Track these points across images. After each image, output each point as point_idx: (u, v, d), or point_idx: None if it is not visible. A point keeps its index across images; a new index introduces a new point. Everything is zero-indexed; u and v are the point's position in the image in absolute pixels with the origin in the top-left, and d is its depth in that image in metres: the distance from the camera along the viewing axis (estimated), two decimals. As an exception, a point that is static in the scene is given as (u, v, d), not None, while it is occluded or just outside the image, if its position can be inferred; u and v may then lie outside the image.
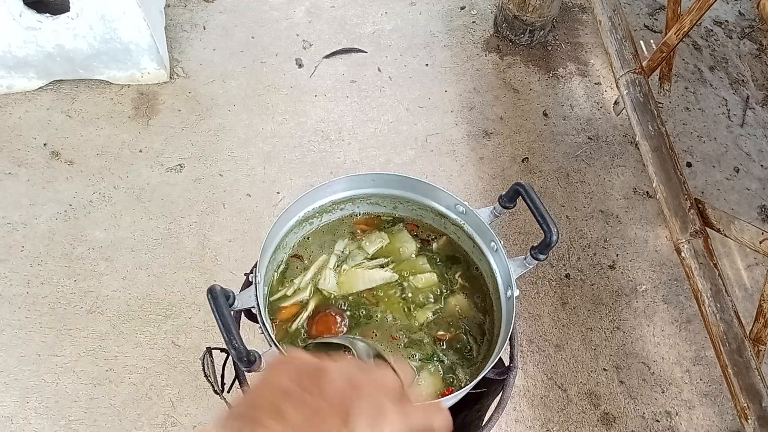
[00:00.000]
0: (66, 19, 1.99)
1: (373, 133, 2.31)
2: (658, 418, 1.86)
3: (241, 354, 0.64)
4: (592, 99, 2.53)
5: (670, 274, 2.12)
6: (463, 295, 0.94)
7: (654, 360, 1.96)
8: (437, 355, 0.87)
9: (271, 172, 2.16)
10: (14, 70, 2.14)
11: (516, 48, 2.63)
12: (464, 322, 0.91)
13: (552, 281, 2.06)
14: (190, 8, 2.56)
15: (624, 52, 2.11)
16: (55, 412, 1.67)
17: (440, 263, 0.97)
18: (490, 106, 2.44)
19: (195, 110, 2.28)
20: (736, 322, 1.60)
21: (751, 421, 1.50)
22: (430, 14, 2.70)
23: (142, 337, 1.80)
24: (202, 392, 1.72)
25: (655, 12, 2.88)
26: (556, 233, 0.81)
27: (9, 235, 1.94)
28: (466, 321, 0.91)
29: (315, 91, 2.39)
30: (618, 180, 2.32)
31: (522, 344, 1.93)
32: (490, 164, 2.29)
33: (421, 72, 2.51)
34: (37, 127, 2.16)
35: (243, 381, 0.92)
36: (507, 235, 2.12)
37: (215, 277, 1.90)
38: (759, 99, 2.67)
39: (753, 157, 2.47)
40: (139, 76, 2.26)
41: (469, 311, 0.93)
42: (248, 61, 2.44)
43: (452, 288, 0.94)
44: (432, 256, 0.97)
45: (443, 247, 0.99)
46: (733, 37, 2.86)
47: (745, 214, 2.29)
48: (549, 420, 1.82)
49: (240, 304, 0.75)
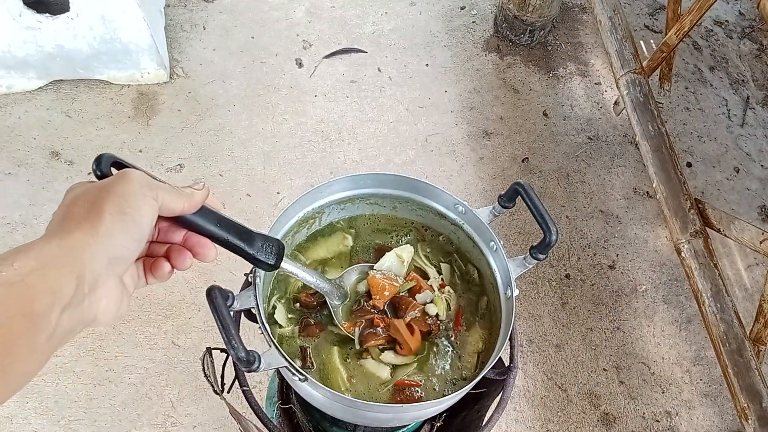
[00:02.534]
0: (66, 19, 1.99)
1: (373, 133, 2.31)
2: (658, 418, 1.86)
3: (240, 354, 0.64)
4: (592, 99, 2.53)
5: (670, 274, 2.12)
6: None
7: (654, 360, 1.95)
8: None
9: (271, 172, 2.16)
10: (14, 70, 2.14)
11: (516, 48, 2.63)
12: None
13: (552, 281, 2.06)
14: (190, 8, 2.56)
15: (624, 52, 2.11)
16: (55, 412, 1.67)
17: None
18: (490, 106, 2.44)
19: (195, 110, 2.28)
20: (736, 322, 1.60)
21: (752, 421, 1.50)
22: (430, 14, 2.70)
23: (142, 338, 1.80)
24: (202, 392, 1.72)
25: (655, 12, 2.88)
26: (556, 233, 0.81)
27: (9, 235, 1.94)
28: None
29: (315, 91, 2.39)
30: (618, 180, 2.32)
31: (522, 344, 1.93)
32: (490, 164, 2.28)
33: (421, 72, 2.51)
34: (37, 127, 2.16)
35: (243, 381, 0.92)
36: (507, 235, 2.12)
37: (215, 277, 1.90)
38: (759, 99, 2.67)
39: (753, 157, 2.47)
40: (139, 76, 2.26)
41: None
42: (248, 61, 2.44)
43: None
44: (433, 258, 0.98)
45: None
46: (733, 37, 2.86)
47: (745, 214, 2.29)
48: (549, 420, 1.82)
49: (240, 304, 0.75)
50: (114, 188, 0.50)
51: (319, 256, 0.96)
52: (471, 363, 0.88)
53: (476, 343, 0.90)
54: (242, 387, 0.91)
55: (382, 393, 0.83)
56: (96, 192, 0.50)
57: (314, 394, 0.76)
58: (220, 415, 1.70)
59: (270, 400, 1.22)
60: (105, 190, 0.50)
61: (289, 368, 0.71)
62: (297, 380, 0.74)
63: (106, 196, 0.49)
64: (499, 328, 0.87)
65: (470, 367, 0.88)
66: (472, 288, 0.96)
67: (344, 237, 0.98)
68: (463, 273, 0.97)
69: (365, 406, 0.76)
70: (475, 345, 0.90)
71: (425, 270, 0.95)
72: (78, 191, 0.51)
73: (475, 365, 0.88)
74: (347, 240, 0.98)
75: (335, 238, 0.98)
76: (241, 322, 0.92)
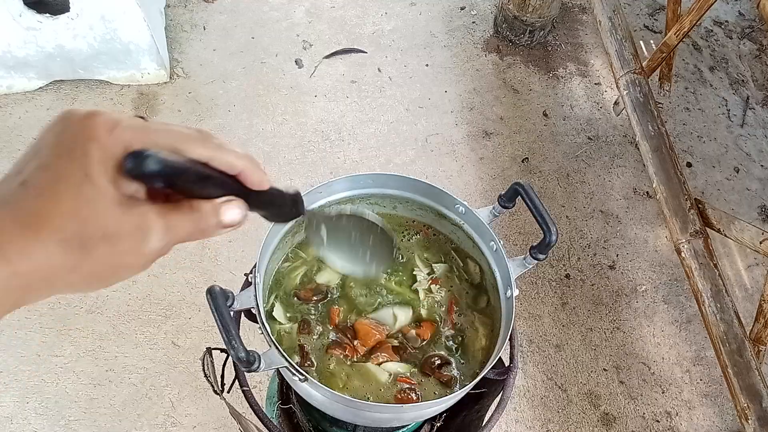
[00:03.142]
0: (66, 19, 1.99)
1: (373, 133, 2.31)
2: (658, 418, 1.86)
3: (240, 354, 0.64)
4: (592, 99, 2.53)
5: (670, 275, 2.12)
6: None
7: (654, 360, 1.95)
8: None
9: (271, 172, 2.16)
10: (14, 71, 2.14)
11: (516, 48, 2.63)
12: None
13: (552, 281, 2.06)
14: (190, 8, 2.56)
15: (624, 52, 2.11)
16: (55, 412, 1.67)
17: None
18: (490, 106, 2.44)
19: (195, 110, 2.28)
20: (736, 322, 1.60)
21: (751, 421, 1.50)
22: (430, 14, 2.70)
23: (142, 338, 1.80)
24: (202, 392, 1.72)
25: (655, 12, 2.88)
26: (555, 233, 0.81)
27: (9, 236, 1.94)
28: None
29: (315, 91, 2.39)
30: (618, 180, 2.32)
31: (522, 344, 1.93)
32: (490, 164, 2.29)
33: (421, 72, 2.51)
34: (37, 127, 2.16)
35: (243, 381, 0.92)
36: (507, 235, 2.12)
37: (215, 278, 1.90)
38: (759, 99, 2.67)
39: (753, 157, 2.47)
40: (139, 76, 2.26)
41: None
42: (248, 62, 2.44)
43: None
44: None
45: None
46: (733, 37, 2.86)
47: (745, 214, 2.29)
48: (549, 420, 1.82)
49: (240, 304, 0.75)
50: (82, 190, 0.33)
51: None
52: (475, 362, 0.89)
53: (479, 341, 0.90)
54: (242, 387, 0.91)
55: (381, 393, 0.83)
56: (61, 169, 0.34)
57: (314, 394, 0.76)
58: (220, 415, 1.70)
59: (270, 400, 1.22)
60: (68, 178, 0.33)
61: (289, 368, 0.71)
62: (297, 380, 0.74)
63: (65, 196, 0.33)
64: (499, 328, 0.87)
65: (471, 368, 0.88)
66: (472, 287, 0.96)
67: None
68: (463, 272, 0.97)
69: (365, 406, 0.76)
70: (478, 343, 0.90)
71: (416, 273, 0.95)
72: (50, 141, 0.35)
73: (477, 365, 0.88)
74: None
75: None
76: (241, 322, 0.92)
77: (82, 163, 0.34)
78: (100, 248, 0.34)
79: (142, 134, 0.36)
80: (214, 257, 1.96)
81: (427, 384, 0.85)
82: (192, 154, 0.38)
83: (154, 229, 0.37)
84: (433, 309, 0.92)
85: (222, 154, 0.40)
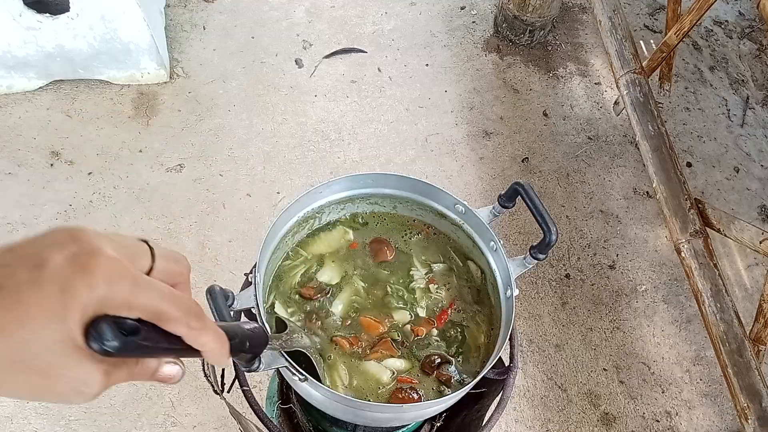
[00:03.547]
0: (66, 19, 1.99)
1: (373, 133, 2.31)
2: (658, 418, 1.86)
3: (240, 354, 0.64)
4: (592, 99, 2.53)
5: (670, 274, 2.12)
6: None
7: (654, 360, 1.95)
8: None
9: (271, 172, 2.17)
10: (14, 70, 2.14)
11: (516, 48, 2.63)
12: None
13: (552, 281, 2.06)
14: (190, 8, 2.56)
15: (624, 52, 2.11)
16: (55, 412, 1.67)
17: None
18: (490, 106, 2.44)
19: (195, 110, 2.28)
20: (736, 322, 1.60)
21: (751, 421, 1.50)
22: (430, 14, 2.70)
23: (142, 337, 1.80)
24: (202, 392, 1.72)
25: (655, 12, 2.88)
26: (555, 233, 0.81)
27: (9, 235, 1.94)
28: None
29: (315, 91, 2.39)
30: (618, 180, 2.32)
31: (522, 344, 1.93)
32: (490, 164, 2.29)
33: (421, 72, 2.51)
34: (37, 127, 2.16)
35: (243, 381, 0.92)
36: (507, 234, 2.12)
37: (215, 277, 1.90)
38: (759, 99, 2.67)
39: (753, 157, 2.47)
40: (139, 76, 2.26)
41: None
42: (248, 61, 2.44)
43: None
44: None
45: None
46: (733, 37, 2.86)
47: (745, 214, 2.29)
48: (549, 420, 1.82)
49: (239, 304, 0.75)
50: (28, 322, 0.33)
51: (319, 251, 0.96)
52: (475, 362, 0.89)
53: (479, 340, 0.91)
54: (242, 387, 0.91)
55: (382, 393, 0.83)
56: (44, 295, 0.34)
57: (314, 393, 0.76)
58: (220, 415, 1.70)
59: (270, 400, 1.22)
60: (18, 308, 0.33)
61: (289, 368, 0.71)
62: (297, 380, 0.74)
63: (32, 322, 0.34)
64: (499, 327, 0.87)
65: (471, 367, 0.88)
66: (472, 287, 0.96)
67: (345, 232, 0.98)
68: (463, 272, 0.97)
69: (365, 405, 0.76)
70: (478, 342, 0.90)
71: (413, 272, 0.95)
72: (49, 257, 0.35)
73: (478, 364, 0.88)
74: (348, 235, 0.98)
75: (336, 233, 0.99)
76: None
77: (65, 300, 0.34)
78: (32, 380, 0.35)
79: (130, 294, 0.37)
80: (214, 257, 1.96)
81: (426, 383, 0.85)
82: (170, 328, 0.39)
83: (97, 382, 0.37)
84: (433, 308, 0.92)
85: (198, 336, 0.40)
